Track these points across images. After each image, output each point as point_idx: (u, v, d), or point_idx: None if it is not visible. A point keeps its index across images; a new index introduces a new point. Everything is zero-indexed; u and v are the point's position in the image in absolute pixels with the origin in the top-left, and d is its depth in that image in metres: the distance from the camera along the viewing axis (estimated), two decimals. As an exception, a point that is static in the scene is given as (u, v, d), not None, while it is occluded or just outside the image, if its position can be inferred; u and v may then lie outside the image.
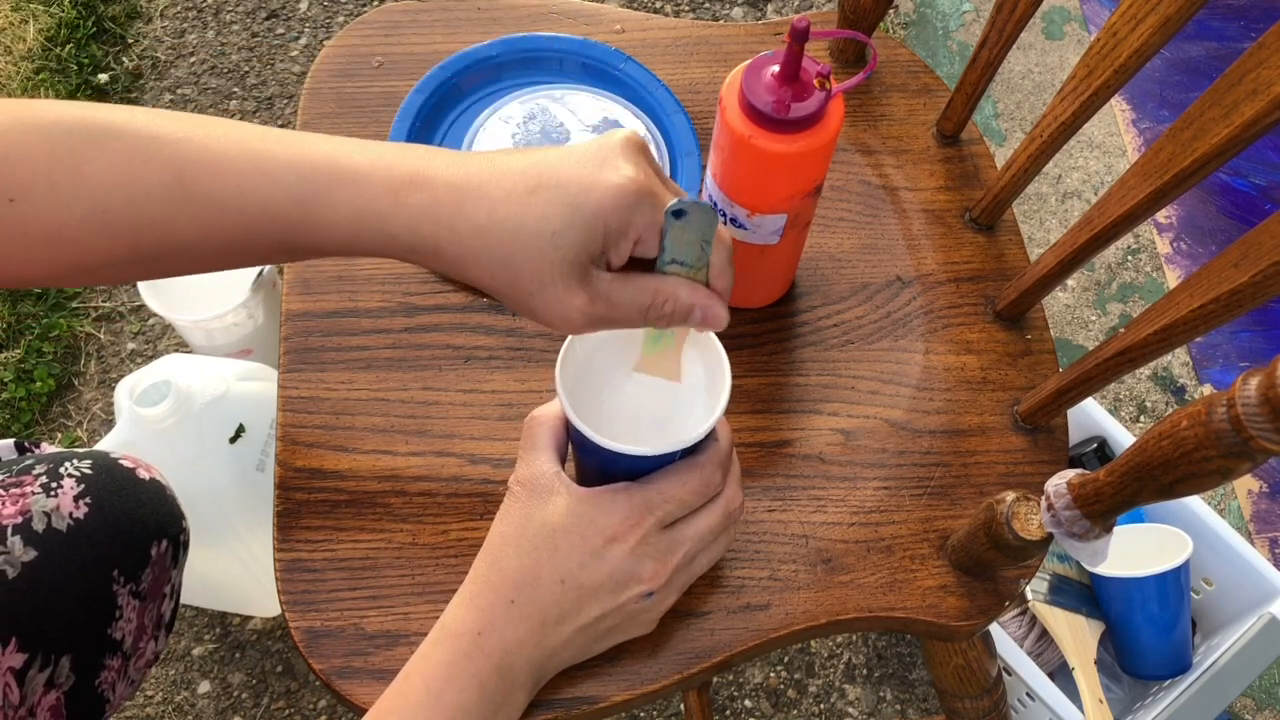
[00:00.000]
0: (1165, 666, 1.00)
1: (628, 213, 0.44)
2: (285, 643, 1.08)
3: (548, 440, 0.51)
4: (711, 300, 0.47)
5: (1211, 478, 0.40)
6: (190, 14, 1.49)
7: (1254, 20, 1.59)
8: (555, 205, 0.43)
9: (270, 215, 0.45)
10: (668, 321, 0.47)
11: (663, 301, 0.46)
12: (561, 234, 0.43)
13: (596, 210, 0.44)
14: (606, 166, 0.44)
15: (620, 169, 0.44)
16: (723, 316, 0.47)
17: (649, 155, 0.47)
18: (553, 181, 0.44)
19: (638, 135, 0.46)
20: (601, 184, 0.44)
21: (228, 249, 0.47)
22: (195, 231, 0.46)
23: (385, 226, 0.45)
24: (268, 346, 1.08)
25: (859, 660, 1.10)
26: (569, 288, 0.44)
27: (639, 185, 0.44)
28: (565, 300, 0.45)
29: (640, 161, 0.45)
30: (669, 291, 0.46)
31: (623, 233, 0.45)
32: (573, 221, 0.43)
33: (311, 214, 0.45)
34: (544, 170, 0.45)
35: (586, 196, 0.43)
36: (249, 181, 0.45)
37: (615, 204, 0.44)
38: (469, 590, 0.49)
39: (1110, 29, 0.55)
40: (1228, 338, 1.34)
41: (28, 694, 0.50)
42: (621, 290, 0.46)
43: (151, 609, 0.58)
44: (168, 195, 0.44)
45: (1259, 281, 0.43)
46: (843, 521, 0.58)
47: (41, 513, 0.53)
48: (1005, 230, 0.69)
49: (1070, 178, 1.44)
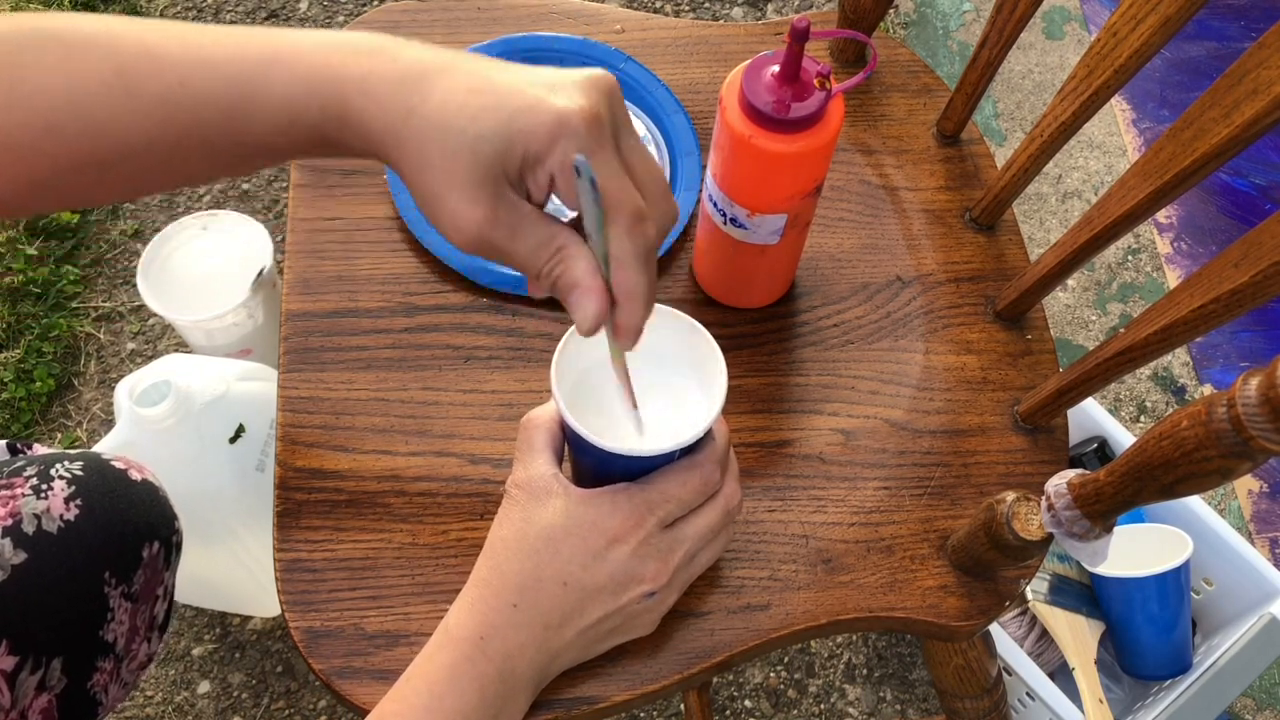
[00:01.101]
0: (1165, 666, 1.00)
1: (550, 140, 0.41)
2: (285, 643, 1.08)
3: (544, 442, 0.50)
4: (589, 292, 0.42)
5: (1211, 478, 0.40)
6: (190, 14, 1.49)
7: (1254, 20, 1.59)
8: (490, 111, 0.41)
9: (211, 104, 0.43)
10: (551, 285, 0.43)
11: (556, 260, 0.42)
12: (484, 140, 0.41)
13: (525, 129, 0.41)
14: (558, 92, 0.42)
15: (572, 98, 0.41)
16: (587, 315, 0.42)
17: (614, 97, 0.43)
18: (498, 88, 0.42)
19: (613, 77, 0.43)
20: (542, 105, 0.41)
21: (176, 149, 0.45)
22: (141, 131, 0.44)
23: (317, 97, 0.43)
24: (268, 346, 1.08)
25: (859, 660, 1.10)
26: (474, 198, 0.41)
27: (581, 119, 0.41)
28: (466, 212, 0.42)
29: (598, 101, 0.42)
30: (570, 254, 0.42)
31: (540, 161, 0.42)
32: (499, 133, 0.41)
33: (249, 94, 0.43)
34: (496, 77, 0.42)
35: (524, 114, 0.41)
36: (190, 73, 0.43)
37: (546, 130, 0.41)
38: (470, 594, 0.49)
39: (1110, 29, 0.55)
40: (1228, 338, 1.34)
41: (19, 697, 0.50)
42: (531, 226, 0.42)
43: (144, 611, 0.58)
44: (109, 94, 0.43)
45: (1259, 281, 0.43)
46: (843, 521, 0.58)
47: (32, 515, 0.53)
48: (1005, 230, 0.69)
49: (1070, 178, 1.44)
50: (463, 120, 0.41)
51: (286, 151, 0.46)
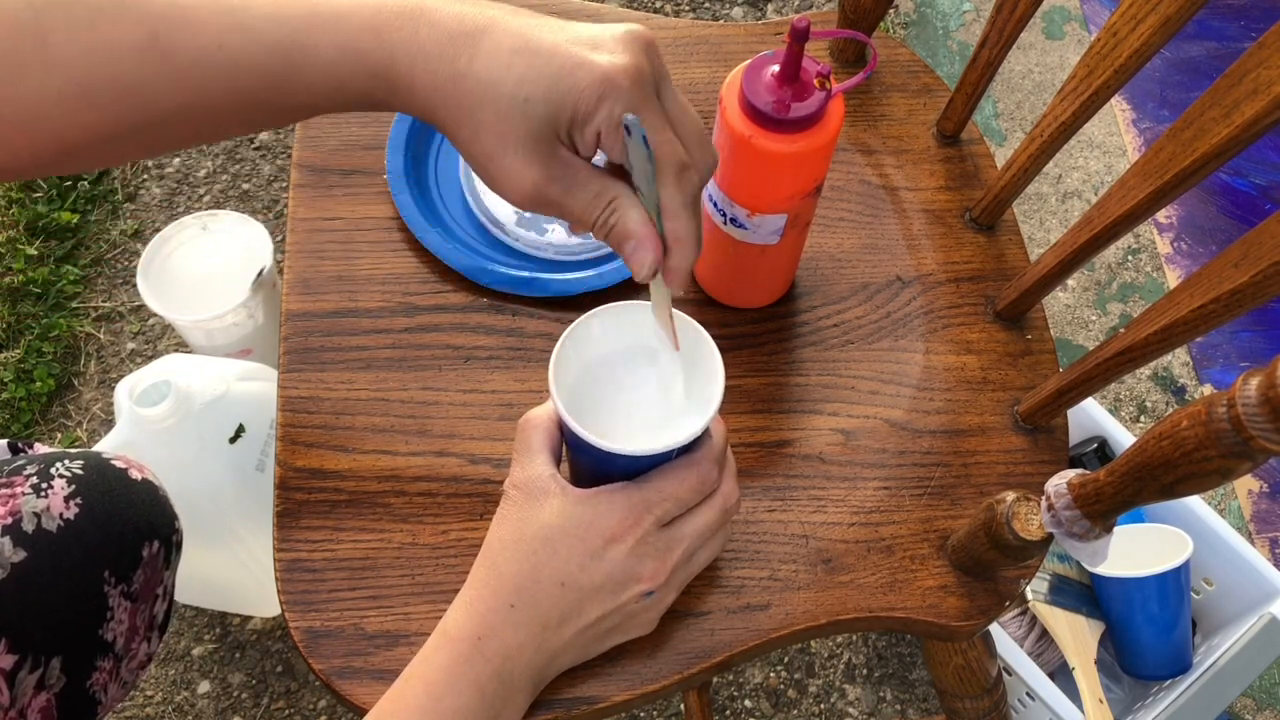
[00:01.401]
0: (1165, 666, 1.00)
1: (597, 100, 0.42)
2: (285, 643, 1.08)
3: (542, 442, 0.50)
4: (645, 240, 0.44)
5: (1211, 478, 0.40)
6: None
7: (1254, 20, 1.59)
8: (535, 71, 0.42)
9: (251, 70, 0.43)
10: (607, 234, 0.45)
11: (611, 210, 0.44)
12: (534, 103, 0.42)
13: (571, 88, 0.42)
14: (600, 48, 0.42)
15: (616, 55, 0.42)
16: (645, 263, 0.44)
17: (652, 51, 0.44)
18: (541, 48, 0.42)
19: (648, 31, 0.44)
20: (587, 64, 0.42)
21: (211, 113, 0.45)
22: (176, 96, 0.43)
23: (366, 64, 0.43)
24: (268, 346, 1.08)
25: (859, 660, 1.10)
26: (528, 159, 0.43)
27: (625, 75, 0.42)
28: (522, 170, 0.43)
29: (639, 56, 0.43)
30: (624, 204, 0.44)
31: (588, 119, 0.43)
32: (548, 94, 0.42)
33: (294, 61, 0.43)
34: (536, 34, 0.43)
35: (569, 73, 0.42)
36: (227, 35, 0.43)
37: (592, 89, 0.42)
38: (468, 595, 0.49)
39: (1110, 29, 0.55)
40: (1228, 338, 1.34)
41: (18, 695, 0.50)
42: (585, 181, 0.44)
43: (144, 610, 0.58)
44: (142, 57, 0.42)
45: (1259, 281, 0.43)
46: (843, 521, 0.58)
47: (31, 513, 0.53)
48: (1005, 230, 0.69)
49: (1070, 178, 1.44)
50: (510, 82, 0.42)
51: (327, 110, 0.46)
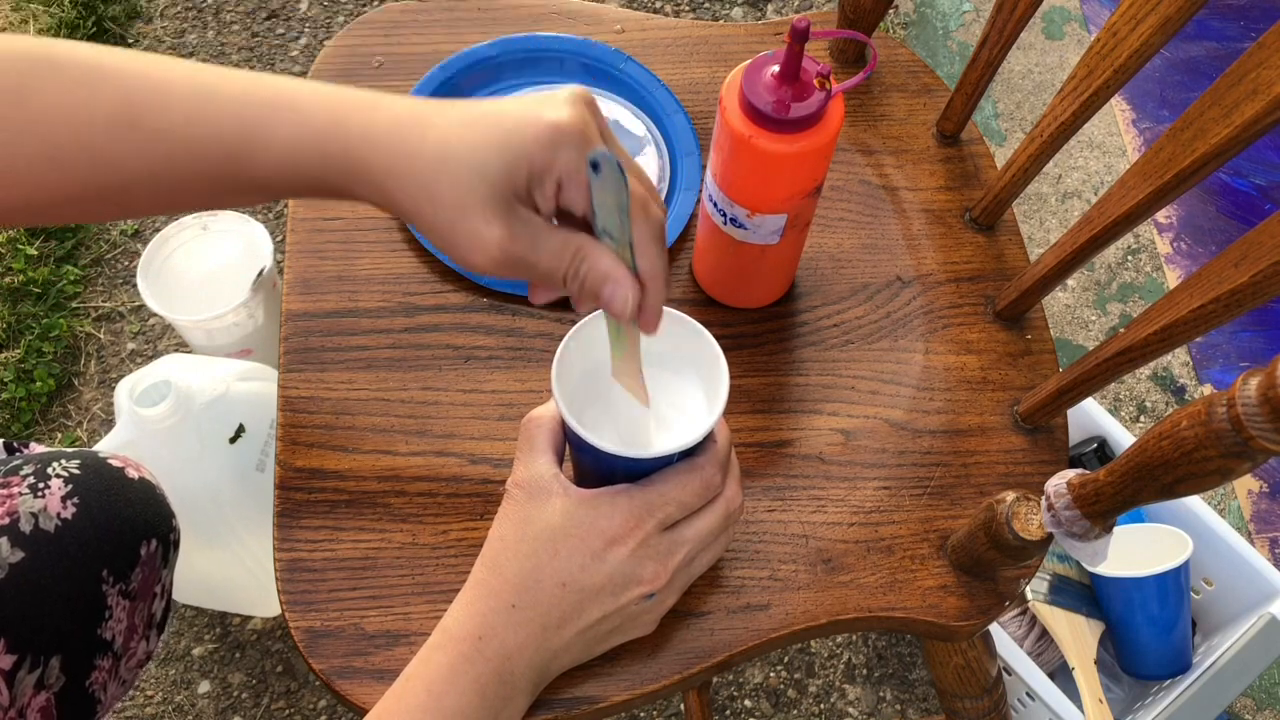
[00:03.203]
0: (1165, 666, 1.00)
1: (552, 149, 0.43)
2: (285, 643, 1.08)
3: (545, 442, 0.50)
4: (622, 280, 0.45)
5: (1211, 478, 0.40)
6: (190, 14, 1.49)
7: (1254, 20, 1.59)
8: (487, 136, 0.43)
9: (215, 146, 0.45)
10: (580, 286, 0.45)
11: (580, 260, 0.45)
12: (487, 164, 0.43)
13: (524, 143, 0.43)
14: (545, 106, 0.44)
15: (560, 109, 0.44)
16: (626, 301, 0.45)
17: (594, 107, 0.46)
18: (486, 117, 0.44)
19: (586, 90, 0.46)
20: (535, 120, 0.43)
21: (176, 185, 0.46)
22: (142, 165, 0.45)
23: (322, 150, 0.44)
24: (268, 346, 1.08)
25: (859, 660, 1.10)
26: (489, 220, 0.43)
27: (570, 124, 0.43)
28: (484, 232, 0.44)
29: (580, 108, 0.45)
30: (590, 252, 0.45)
31: (546, 171, 0.44)
32: (500, 153, 0.43)
33: (255, 140, 0.44)
34: (485, 108, 0.45)
35: (518, 131, 0.43)
36: (196, 113, 0.44)
37: (544, 139, 0.43)
38: (469, 594, 0.49)
39: (1110, 29, 0.55)
40: (1228, 338, 1.34)
41: (17, 695, 0.50)
42: (547, 236, 0.44)
43: (142, 609, 0.58)
44: (115, 127, 0.44)
45: (1259, 281, 0.43)
46: (843, 521, 0.58)
47: (29, 514, 0.53)
48: (1005, 230, 0.69)
49: (1070, 178, 1.44)
50: (463, 150, 0.43)
51: (285, 192, 0.47)
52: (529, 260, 0.44)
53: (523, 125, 0.43)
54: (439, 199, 0.44)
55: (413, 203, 0.44)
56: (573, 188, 0.44)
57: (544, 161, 0.44)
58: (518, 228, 0.44)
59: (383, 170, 0.44)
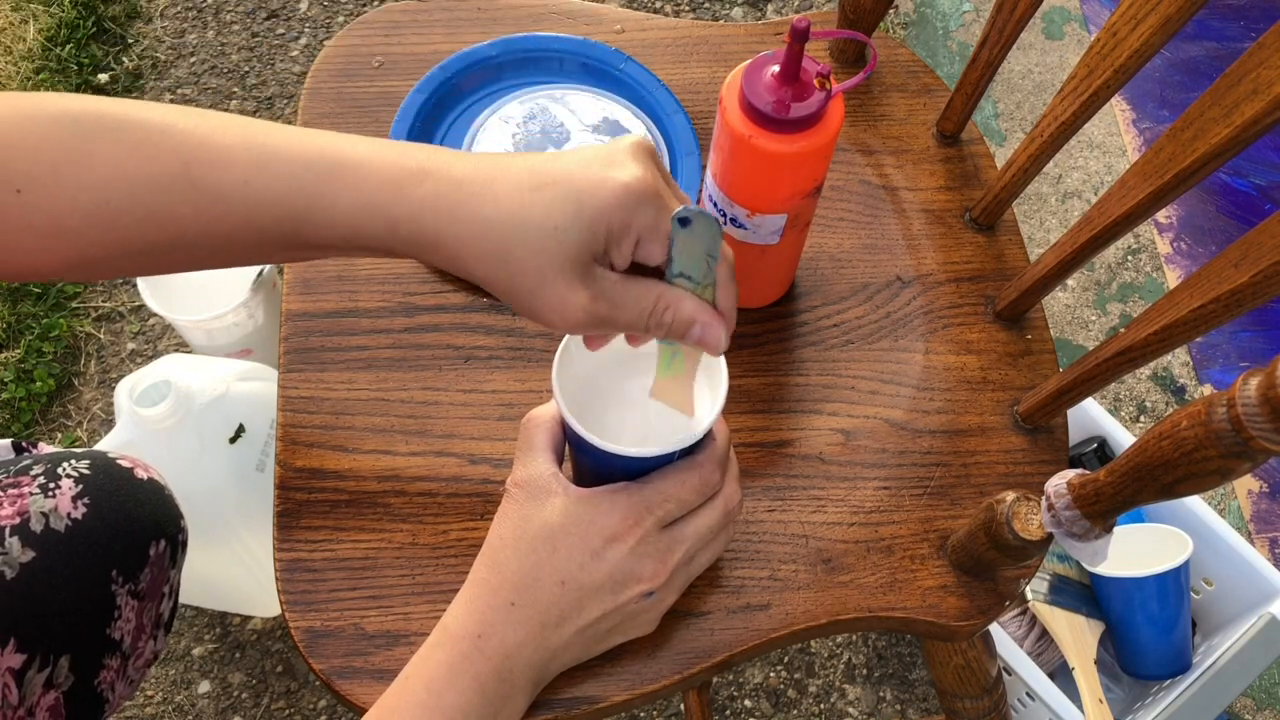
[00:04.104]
0: (1165, 666, 1.00)
1: (630, 212, 0.44)
2: (285, 643, 1.08)
3: (545, 441, 0.51)
4: (713, 319, 0.46)
5: (1211, 478, 0.40)
6: (190, 14, 1.49)
7: (1254, 20, 1.59)
8: (559, 201, 0.43)
9: (273, 208, 0.45)
10: (666, 331, 0.46)
11: (664, 308, 0.45)
12: (565, 230, 0.43)
13: (600, 207, 0.43)
14: (614, 165, 0.44)
15: (627, 168, 0.44)
16: (720, 338, 0.46)
17: (657, 159, 0.46)
18: (558, 178, 0.44)
19: (648, 140, 0.46)
20: (607, 182, 0.43)
21: (230, 244, 0.46)
22: (198, 225, 0.45)
23: (387, 217, 0.45)
24: (268, 346, 1.08)
25: (859, 660, 1.10)
26: (571, 285, 0.44)
27: (644, 185, 0.44)
28: (567, 297, 0.44)
29: (648, 164, 0.45)
30: (672, 298, 0.45)
31: (625, 231, 0.44)
32: (577, 218, 0.43)
33: (315, 205, 0.45)
34: (550, 168, 0.44)
35: (591, 194, 0.43)
36: (253, 173, 0.44)
37: (619, 202, 0.43)
38: (469, 593, 0.49)
39: (1110, 29, 0.55)
40: (1228, 338, 1.34)
41: (26, 694, 0.50)
42: (625, 291, 0.45)
43: (150, 609, 0.58)
44: (172, 187, 0.44)
45: (1259, 281, 0.43)
46: (843, 521, 0.58)
47: (39, 513, 0.53)
48: (1005, 230, 0.69)
49: (1070, 178, 1.44)
50: (537, 217, 0.43)
51: (345, 253, 0.48)
52: (614, 317, 0.45)
53: (595, 188, 0.43)
54: (517, 267, 0.44)
55: (489, 272, 0.45)
56: (649, 243, 0.45)
57: (621, 223, 0.44)
58: (597, 287, 0.44)
59: (454, 238, 0.44)
